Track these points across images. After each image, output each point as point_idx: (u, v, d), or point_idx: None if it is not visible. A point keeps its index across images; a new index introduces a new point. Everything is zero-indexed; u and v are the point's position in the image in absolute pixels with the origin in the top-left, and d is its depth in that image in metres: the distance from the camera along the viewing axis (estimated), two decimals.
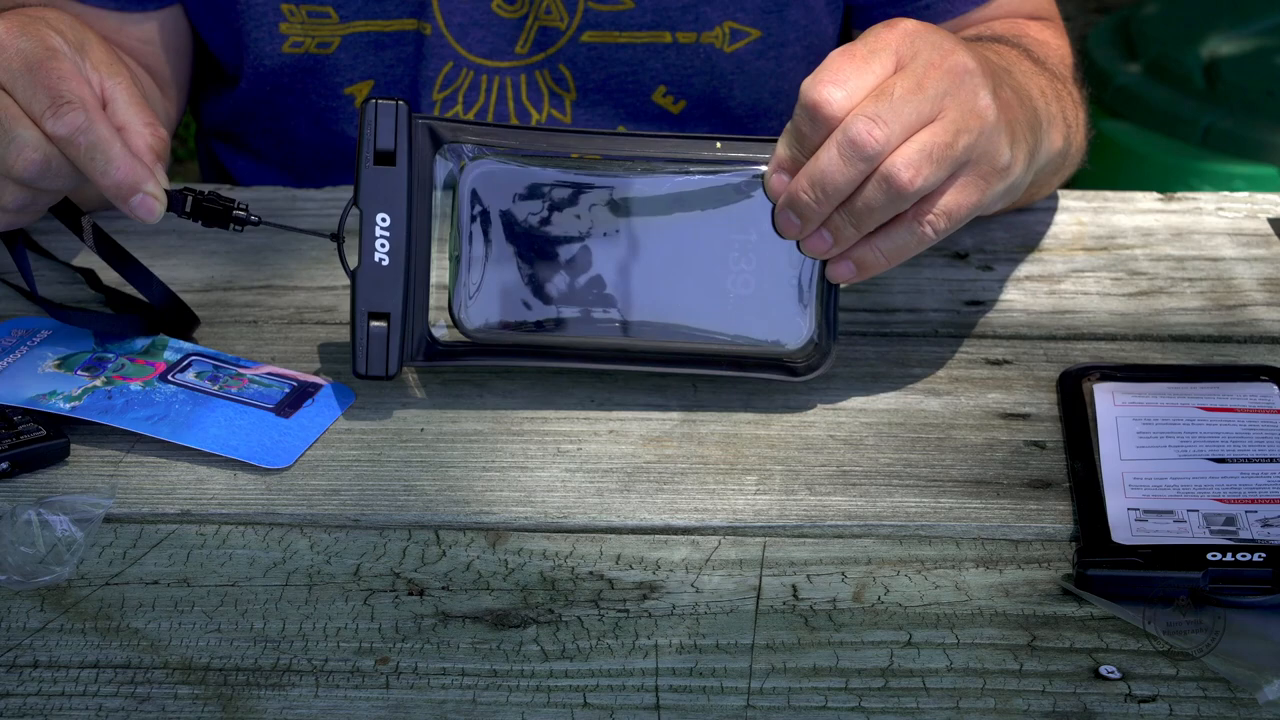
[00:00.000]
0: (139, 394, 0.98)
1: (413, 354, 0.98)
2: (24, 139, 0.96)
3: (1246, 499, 0.89)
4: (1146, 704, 0.77)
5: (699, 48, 1.27)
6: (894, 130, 0.90)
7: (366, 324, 0.97)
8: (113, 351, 1.02)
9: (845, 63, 0.91)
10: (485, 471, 0.95)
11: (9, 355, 1.01)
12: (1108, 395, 0.99)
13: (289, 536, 0.89)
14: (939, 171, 0.91)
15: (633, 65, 1.27)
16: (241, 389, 0.98)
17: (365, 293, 0.97)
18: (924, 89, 0.91)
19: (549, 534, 0.90)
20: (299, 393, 0.98)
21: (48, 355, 1.01)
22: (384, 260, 0.97)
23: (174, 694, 0.78)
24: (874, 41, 0.93)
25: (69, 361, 1.00)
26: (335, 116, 1.30)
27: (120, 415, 0.96)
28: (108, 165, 0.95)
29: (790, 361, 0.97)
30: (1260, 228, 1.22)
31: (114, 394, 0.98)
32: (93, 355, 1.01)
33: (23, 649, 0.81)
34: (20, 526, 0.87)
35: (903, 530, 0.90)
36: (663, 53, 1.26)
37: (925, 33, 0.94)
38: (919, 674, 0.79)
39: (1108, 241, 1.20)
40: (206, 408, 0.97)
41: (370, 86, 1.28)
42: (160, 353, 1.02)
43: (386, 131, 0.96)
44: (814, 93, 0.90)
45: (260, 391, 0.98)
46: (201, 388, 0.98)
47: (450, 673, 0.80)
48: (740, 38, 1.27)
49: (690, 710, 0.77)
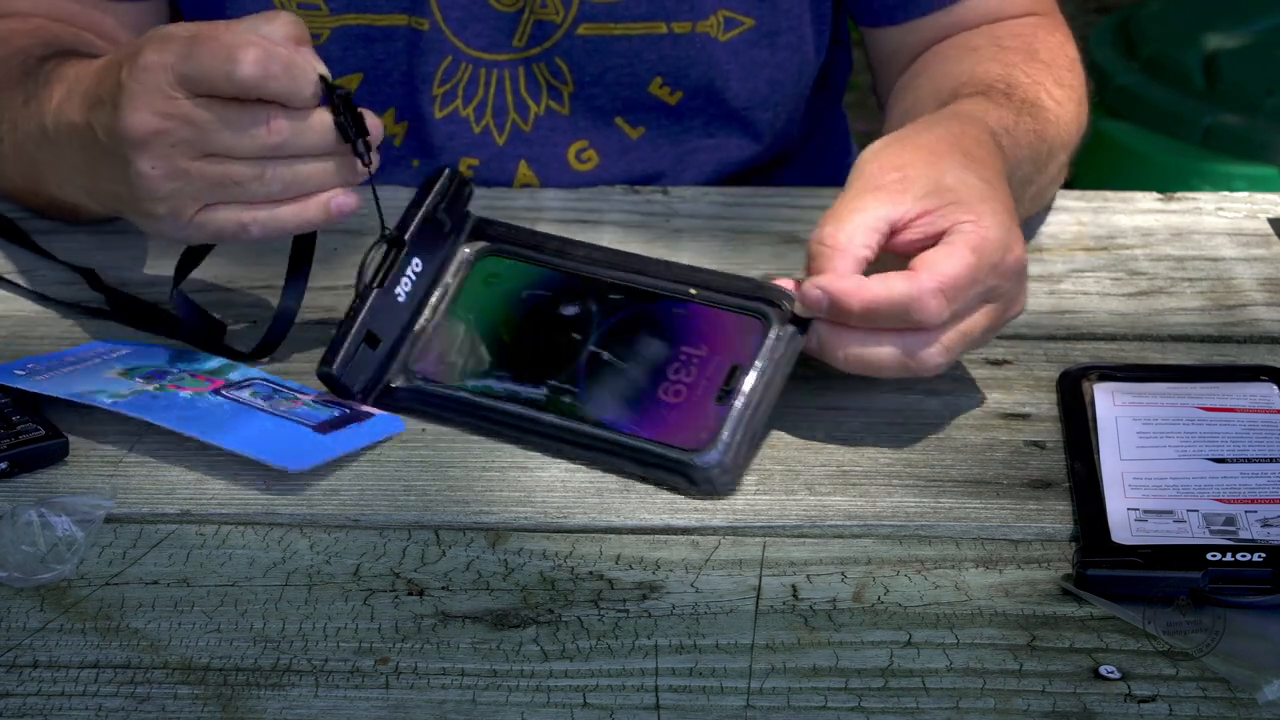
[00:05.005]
0: (184, 400, 0.97)
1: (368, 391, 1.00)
2: (238, 38, 0.94)
3: (1246, 499, 0.89)
4: (1146, 704, 0.77)
5: (694, 37, 1.27)
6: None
7: (361, 340, 0.98)
8: (179, 367, 1.01)
9: (966, 284, 0.93)
10: (485, 471, 0.95)
11: (81, 364, 1.02)
12: (1108, 395, 0.99)
13: (289, 536, 0.89)
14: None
15: (629, 57, 1.27)
16: (292, 409, 0.97)
17: (374, 313, 0.99)
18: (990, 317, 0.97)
19: (549, 534, 0.90)
20: (347, 418, 0.97)
21: (117, 366, 1.01)
22: (401, 296, 1.00)
23: (174, 694, 0.78)
24: (988, 269, 0.94)
25: (133, 371, 1.00)
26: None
27: (158, 414, 0.95)
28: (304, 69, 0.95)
29: (692, 475, 0.93)
30: (1260, 228, 1.22)
31: (160, 397, 0.97)
32: (156, 369, 1.01)
33: (23, 649, 0.81)
34: (21, 526, 0.87)
35: (903, 530, 0.90)
36: (658, 44, 1.27)
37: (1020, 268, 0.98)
38: (919, 674, 0.79)
39: (1108, 241, 1.20)
40: (245, 417, 0.96)
41: (359, 80, 1.28)
42: (226, 373, 1.01)
43: (458, 205, 1.03)
44: (928, 297, 0.92)
45: (309, 412, 0.97)
46: (250, 403, 0.97)
47: (450, 673, 0.80)
48: (734, 26, 1.28)
49: (690, 710, 0.77)
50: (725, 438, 0.92)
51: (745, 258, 1.18)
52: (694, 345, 0.97)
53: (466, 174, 1.22)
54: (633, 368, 0.97)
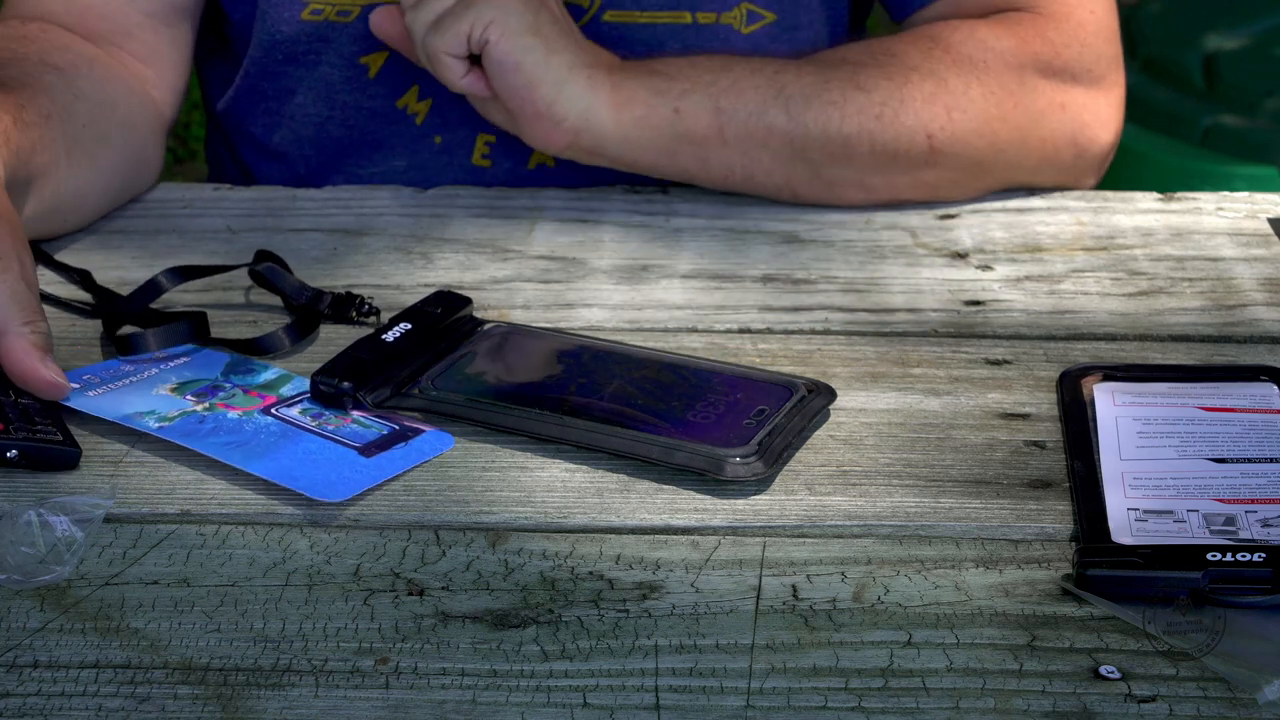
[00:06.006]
0: (231, 422, 0.97)
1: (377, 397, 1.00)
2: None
3: (1246, 499, 0.89)
4: (1146, 704, 0.77)
5: (717, 28, 1.28)
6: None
7: (359, 355, 1.01)
8: (232, 381, 1.01)
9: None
10: (485, 471, 0.95)
11: (136, 375, 1.01)
12: (1108, 395, 0.99)
13: (289, 536, 0.89)
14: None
15: (652, 45, 1.28)
16: (339, 427, 0.96)
17: (367, 341, 1.03)
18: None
19: (549, 534, 0.90)
20: (395, 436, 0.96)
21: (171, 379, 1.01)
22: (388, 338, 1.03)
23: (174, 694, 0.78)
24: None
25: (185, 387, 1.00)
26: (346, 88, 1.31)
27: (202, 440, 0.95)
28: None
29: (723, 463, 0.93)
30: (1260, 228, 1.22)
31: (207, 419, 0.97)
32: (210, 383, 1.01)
33: (23, 649, 0.81)
34: (21, 527, 0.87)
35: (903, 530, 0.90)
36: (681, 33, 1.28)
37: None
38: (919, 674, 0.79)
39: (1108, 241, 1.20)
40: (291, 440, 0.95)
41: (385, 58, 1.29)
42: (279, 387, 1.00)
43: (452, 310, 1.06)
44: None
45: (356, 431, 0.96)
46: (299, 422, 0.97)
47: (450, 673, 0.80)
48: (756, 20, 1.28)
49: (690, 710, 0.77)
50: (756, 440, 0.93)
51: (745, 258, 1.18)
52: (722, 392, 0.98)
53: (484, 149, 1.23)
54: (659, 400, 0.98)
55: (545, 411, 0.97)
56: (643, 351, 1.03)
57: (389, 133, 1.33)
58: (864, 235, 1.21)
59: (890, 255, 1.18)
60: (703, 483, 0.93)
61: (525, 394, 0.99)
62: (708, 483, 0.93)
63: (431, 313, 1.05)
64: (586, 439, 0.95)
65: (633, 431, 0.95)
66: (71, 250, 1.19)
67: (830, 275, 1.16)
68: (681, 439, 0.94)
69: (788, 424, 0.96)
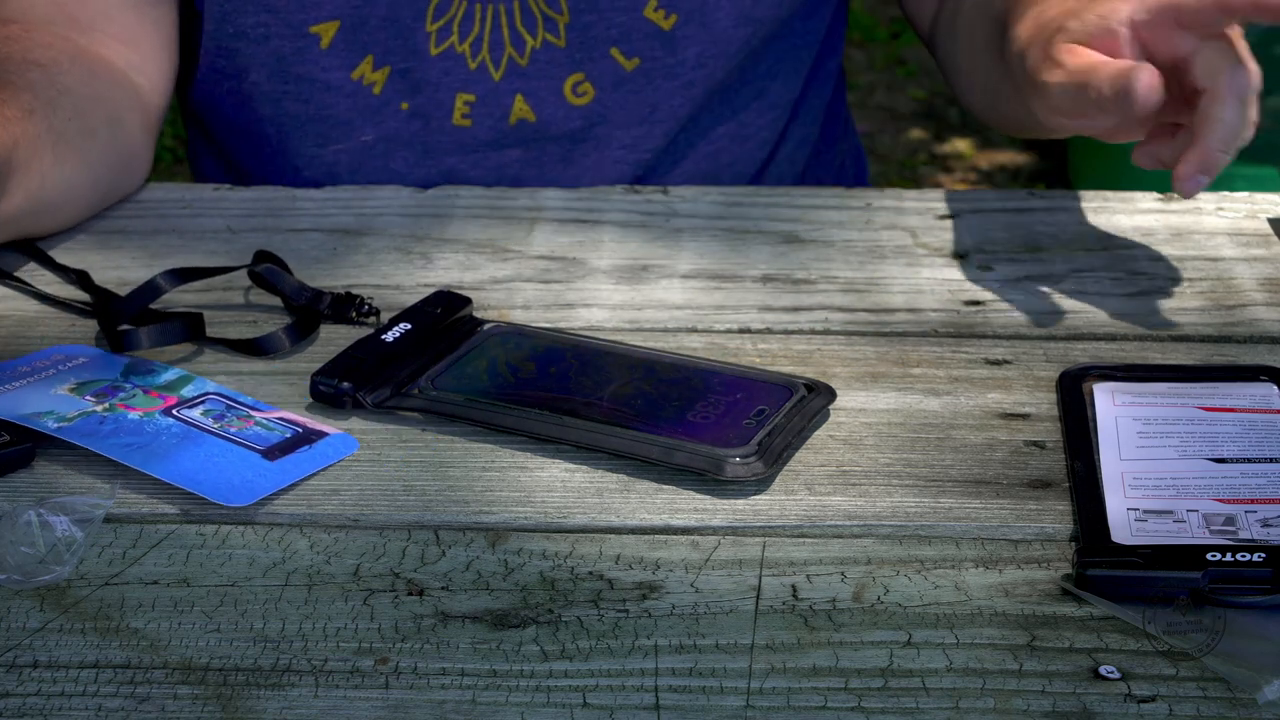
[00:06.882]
0: (131, 423, 0.96)
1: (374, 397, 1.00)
2: None
3: (1246, 499, 0.89)
4: (1146, 704, 0.77)
5: None
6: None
7: (358, 355, 1.01)
8: (132, 382, 1.01)
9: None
10: (485, 471, 0.95)
11: (36, 376, 1.01)
12: (1108, 395, 0.99)
13: (289, 536, 0.89)
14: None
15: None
16: (242, 429, 0.96)
17: (366, 341, 1.03)
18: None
19: (549, 534, 0.90)
20: (298, 439, 0.96)
21: (70, 379, 1.00)
22: (387, 338, 1.03)
23: (174, 694, 0.78)
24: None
25: (84, 387, 1.00)
26: (298, 59, 1.29)
27: (102, 441, 0.94)
28: None
29: (722, 463, 0.93)
30: (1260, 228, 1.22)
31: (107, 420, 0.96)
32: (109, 383, 1.00)
33: (23, 649, 0.81)
34: (20, 527, 0.87)
35: (902, 530, 0.90)
36: None
37: None
38: (919, 674, 0.79)
39: (1108, 241, 1.20)
40: (193, 442, 0.95)
41: (336, 27, 1.27)
42: (180, 388, 1.00)
43: (452, 310, 1.06)
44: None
45: (259, 434, 0.96)
46: (200, 424, 0.96)
47: (450, 673, 0.80)
48: None
49: (690, 710, 0.77)
50: (756, 440, 0.94)
51: (745, 258, 1.18)
52: (721, 392, 0.99)
53: (463, 109, 1.23)
54: (660, 400, 0.98)
55: (545, 411, 0.97)
56: (642, 351, 1.03)
57: (346, 105, 1.31)
58: (864, 235, 1.21)
59: (890, 255, 1.18)
60: (702, 483, 0.93)
61: (525, 394, 0.99)
62: (707, 483, 0.93)
63: (431, 313, 1.05)
64: (586, 439, 0.95)
65: (632, 431, 0.95)
66: (70, 250, 1.19)
67: (830, 275, 1.16)
68: (681, 439, 0.94)
69: (787, 424, 0.96)
